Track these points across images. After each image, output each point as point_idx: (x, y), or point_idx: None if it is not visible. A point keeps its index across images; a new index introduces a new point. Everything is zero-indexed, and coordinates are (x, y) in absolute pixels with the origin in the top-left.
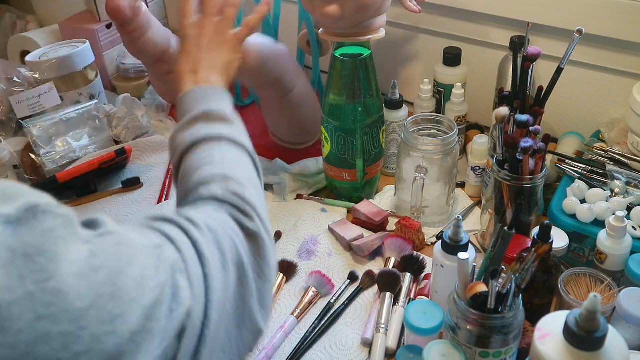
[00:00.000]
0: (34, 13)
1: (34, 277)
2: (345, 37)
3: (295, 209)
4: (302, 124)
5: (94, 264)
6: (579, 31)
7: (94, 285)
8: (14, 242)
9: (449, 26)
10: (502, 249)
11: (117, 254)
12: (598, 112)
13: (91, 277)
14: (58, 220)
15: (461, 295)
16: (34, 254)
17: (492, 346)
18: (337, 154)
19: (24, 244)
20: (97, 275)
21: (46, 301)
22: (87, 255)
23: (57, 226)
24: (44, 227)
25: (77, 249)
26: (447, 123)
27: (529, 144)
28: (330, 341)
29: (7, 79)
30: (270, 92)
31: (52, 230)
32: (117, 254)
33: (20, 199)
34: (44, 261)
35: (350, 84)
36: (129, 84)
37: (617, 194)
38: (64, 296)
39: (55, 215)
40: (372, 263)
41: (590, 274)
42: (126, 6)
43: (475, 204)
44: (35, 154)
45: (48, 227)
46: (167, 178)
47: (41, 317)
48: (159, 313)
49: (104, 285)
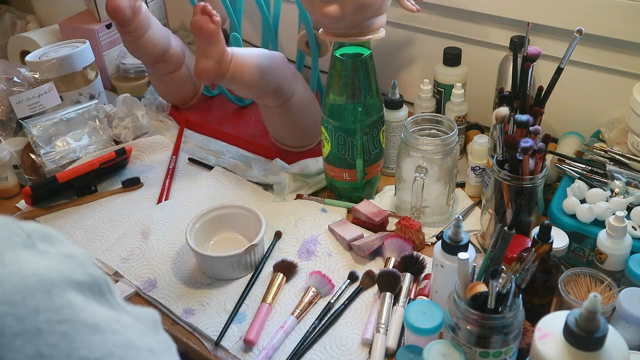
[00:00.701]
0: (34, 13)
1: (47, 315)
2: (345, 37)
3: (295, 209)
4: (303, 128)
5: (114, 328)
6: (579, 31)
7: (108, 344)
8: (45, 272)
9: (449, 26)
10: (502, 249)
11: (137, 331)
12: (598, 112)
13: (107, 336)
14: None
15: (461, 295)
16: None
17: (492, 346)
18: (337, 154)
19: (51, 279)
20: (113, 337)
21: (52, 342)
22: (111, 320)
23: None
24: None
25: (101, 309)
26: (447, 123)
27: (529, 144)
28: (330, 341)
29: (7, 79)
30: (270, 101)
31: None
32: (137, 331)
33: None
34: (63, 302)
35: (350, 84)
36: (129, 84)
37: (617, 194)
38: (71, 342)
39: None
40: (372, 263)
41: (590, 274)
42: (126, 6)
43: (475, 204)
44: (35, 154)
45: None
46: (167, 178)
47: (42, 355)
48: None
49: (117, 348)
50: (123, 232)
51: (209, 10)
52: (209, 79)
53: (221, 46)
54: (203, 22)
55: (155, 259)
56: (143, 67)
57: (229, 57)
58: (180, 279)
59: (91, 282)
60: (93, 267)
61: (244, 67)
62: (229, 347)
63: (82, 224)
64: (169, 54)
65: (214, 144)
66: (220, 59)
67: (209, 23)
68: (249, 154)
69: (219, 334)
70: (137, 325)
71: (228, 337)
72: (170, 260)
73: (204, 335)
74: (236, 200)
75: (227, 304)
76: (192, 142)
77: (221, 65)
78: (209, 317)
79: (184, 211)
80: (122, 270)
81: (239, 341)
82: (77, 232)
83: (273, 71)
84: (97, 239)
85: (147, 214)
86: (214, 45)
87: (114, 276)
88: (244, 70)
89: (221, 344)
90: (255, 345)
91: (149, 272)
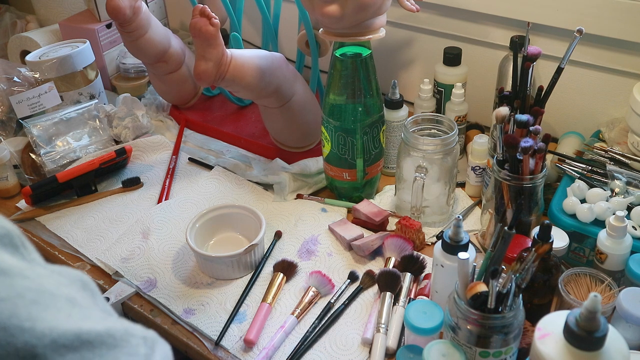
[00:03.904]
0: (34, 13)
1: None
2: (346, 37)
3: (295, 209)
4: (303, 128)
5: (26, 274)
6: (579, 31)
7: (16, 287)
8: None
9: (449, 26)
10: (502, 249)
11: (53, 281)
12: (598, 112)
13: (16, 280)
14: None
15: (461, 295)
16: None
17: (492, 346)
18: (337, 153)
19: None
20: (23, 281)
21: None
22: (22, 268)
23: None
24: None
25: (11, 258)
26: (447, 123)
27: (529, 144)
28: (330, 341)
29: (7, 79)
30: (269, 102)
31: None
32: (54, 281)
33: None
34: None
35: (351, 83)
36: (129, 84)
37: (617, 193)
38: None
39: None
40: (372, 263)
41: (590, 273)
42: (126, 6)
43: (475, 203)
44: (36, 154)
45: None
46: (167, 178)
47: None
48: None
49: (28, 291)
50: (123, 232)
51: (207, 13)
52: (208, 81)
53: (220, 48)
54: (202, 24)
55: (155, 258)
56: (143, 67)
57: (228, 59)
58: (180, 279)
59: (2, 234)
60: (5, 222)
61: (244, 69)
62: (229, 347)
63: (82, 224)
64: (169, 54)
65: (214, 144)
66: (219, 61)
67: (207, 25)
68: (249, 154)
69: (219, 333)
70: (55, 277)
71: (228, 337)
72: (170, 260)
73: (204, 335)
74: (236, 200)
75: (227, 304)
76: (192, 142)
77: (220, 67)
78: (209, 317)
79: (184, 211)
80: (122, 270)
81: (239, 341)
82: (77, 232)
83: (273, 72)
84: (97, 239)
85: (147, 214)
86: (213, 48)
87: (114, 276)
88: (243, 72)
89: (221, 344)
90: (255, 345)
91: (149, 272)
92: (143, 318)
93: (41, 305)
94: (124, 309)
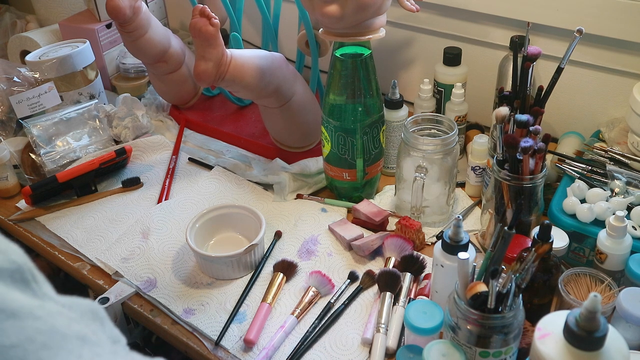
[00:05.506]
0: (34, 13)
1: None
2: (345, 37)
3: (295, 209)
4: (303, 128)
5: (37, 315)
6: (579, 31)
7: (27, 330)
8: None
9: (449, 26)
10: (502, 249)
11: (64, 319)
12: (598, 112)
13: (27, 322)
14: None
15: (461, 295)
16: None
17: (492, 346)
18: (337, 153)
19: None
20: (34, 323)
21: None
22: (33, 307)
23: None
24: None
25: (21, 296)
26: (447, 123)
27: (529, 144)
28: (330, 341)
29: (7, 79)
30: (269, 102)
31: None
32: (65, 319)
33: None
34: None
35: (351, 83)
36: (129, 84)
37: (617, 193)
38: None
39: None
40: (372, 263)
41: (590, 273)
42: (126, 6)
43: (475, 203)
44: (35, 154)
45: None
46: (167, 178)
47: None
48: None
49: (39, 334)
50: (123, 232)
51: (207, 13)
52: (208, 81)
53: (220, 48)
54: (202, 24)
55: (155, 258)
56: (143, 67)
57: (228, 59)
58: (180, 279)
59: (12, 269)
60: (17, 255)
61: (244, 69)
62: (229, 347)
63: (82, 224)
64: (169, 54)
65: (214, 144)
66: (219, 61)
67: (207, 25)
68: (249, 154)
69: (219, 333)
70: (66, 313)
71: (228, 337)
72: (170, 260)
73: (204, 335)
74: (236, 200)
75: (227, 304)
76: (192, 142)
77: (220, 68)
78: (209, 317)
79: (184, 211)
80: (122, 270)
81: (239, 341)
82: (77, 232)
83: (272, 72)
84: (97, 239)
85: (147, 214)
86: (213, 48)
87: (114, 276)
88: (243, 72)
89: (221, 344)
90: (255, 345)
91: (149, 272)
92: (143, 318)
93: (52, 349)
94: (124, 309)
